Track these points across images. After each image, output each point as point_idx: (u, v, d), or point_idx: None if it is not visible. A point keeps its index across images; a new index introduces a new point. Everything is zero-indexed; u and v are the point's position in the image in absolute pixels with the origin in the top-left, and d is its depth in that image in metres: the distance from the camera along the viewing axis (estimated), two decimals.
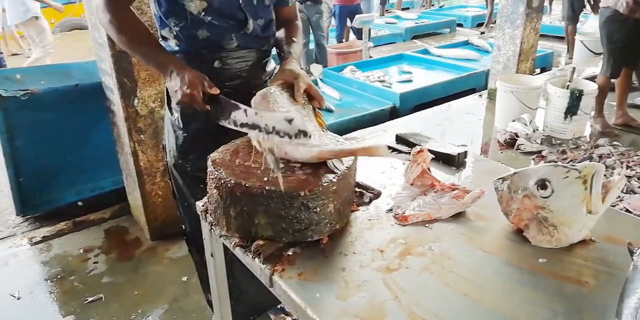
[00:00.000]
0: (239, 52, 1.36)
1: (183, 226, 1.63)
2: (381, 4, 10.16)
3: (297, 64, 1.35)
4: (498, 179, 1.06)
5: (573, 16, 6.05)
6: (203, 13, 1.26)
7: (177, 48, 1.33)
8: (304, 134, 0.96)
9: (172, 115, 1.45)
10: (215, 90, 1.17)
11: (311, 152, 1.00)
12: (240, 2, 1.30)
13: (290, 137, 0.97)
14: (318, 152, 1.00)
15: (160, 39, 1.36)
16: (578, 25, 6.33)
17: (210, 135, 1.26)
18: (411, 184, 1.17)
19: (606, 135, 3.49)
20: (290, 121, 0.97)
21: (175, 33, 1.31)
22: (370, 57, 6.20)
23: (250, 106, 1.20)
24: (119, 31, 1.23)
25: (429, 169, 1.19)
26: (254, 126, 1.04)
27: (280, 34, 1.48)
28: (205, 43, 1.31)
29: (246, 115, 1.07)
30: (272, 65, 1.52)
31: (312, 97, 1.27)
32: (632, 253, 0.91)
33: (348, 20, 6.27)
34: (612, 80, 3.52)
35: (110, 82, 2.34)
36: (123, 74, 2.21)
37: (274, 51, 1.50)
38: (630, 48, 3.28)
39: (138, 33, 1.24)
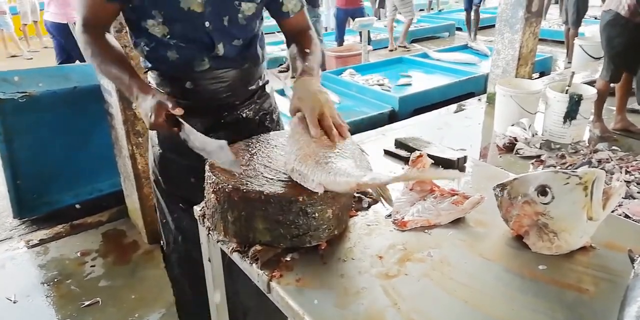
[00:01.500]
0: (212, 72, 1.27)
1: (161, 242, 1.55)
2: (380, 7, 10.18)
3: (313, 82, 1.17)
4: (498, 185, 1.05)
5: (577, 20, 6.06)
6: (168, 36, 1.21)
7: (150, 65, 1.31)
8: (236, 165, 1.01)
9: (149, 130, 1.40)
10: (179, 111, 1.11)
11: (349, 183, 0.88)
12: (207, 25, 1.21)
13: (225, 164, 1.02)
14: (357, 184, 0.87)
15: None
16: (579, 30, 6.35)
17: (185, 153, 1.21)
18: (410, 189, 1.17)
19: (605, 139, 3.49)
20: (221, 148, 1.03)
21: (146, 53, 1.28)
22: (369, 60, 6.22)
23: (224, 127, 1.23)
24: (92, 54, 1.20)
25: None
26: (200, 149, 1.08)
27: (293, 49, 1.35)
28: (175, 64, 1.25)
29: (190, 139, 1.10)
30: (260, 80, 1.41)
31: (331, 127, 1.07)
32: (632, 260, 0.91)
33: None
34: (612, 84, 3.52)
35: (108, 85, 2.33)
36: None
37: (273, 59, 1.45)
38: (630, 52, 3.28)
39: (110, 56, 1.21)
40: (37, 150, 2.66)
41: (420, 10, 12.43)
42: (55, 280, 2.29)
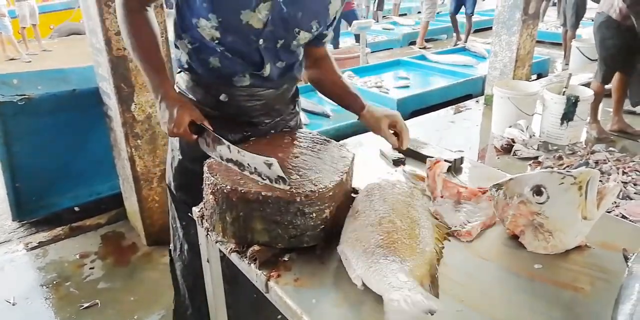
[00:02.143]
0: (251, 89, 1.23)
1: (170, 246, 1.52)
2: (378, 10, 10.22)
3: (377, 107, 1.37)
4: (494, 185, 1.06)
5: (575, 22, 6.09)
6: (216, 41, 1.15)
7: (186, 65, 1.24)
8: (283, 180, 0.96)
9: None
10: (207, 124, 1.13)
11: (380, 291, 0.82)
12: (260, 43, 1.16)
13: (270, 180, 0.98)
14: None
15: (174, 47, 1.26)
16: (577, 31, 6.38)
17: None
18: (442, 197, 1.16)
19: (601, 141, 3.51)
20: (269, 165, 0.99)
21: (188, 50, 1.21)
22: (368, 62, 6.23)
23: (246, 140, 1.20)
24: (127, 33, 1.16)
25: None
26: (237, 163, 1.05)
27: (320, 75, 1.39)
28: (215, 72, 1.20)
29: (230, 152, 1.07)
30: (289, 104, 1.39)
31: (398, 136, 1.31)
32: (627, 259, 0.92)
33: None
34: (608, 86, 3.54)
35: (107, 88, 2.34)
36: (120, 80, 2.21)
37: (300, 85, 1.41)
38: (622, 54, 3.30)
39: (145, 42, 1.15)
40: (36, 152, 2.66)
41: (418, 12, 12.47)
42: (54, 282, 2.29)
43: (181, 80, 1.29)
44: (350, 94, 1.38)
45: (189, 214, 1.32)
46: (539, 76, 5.72)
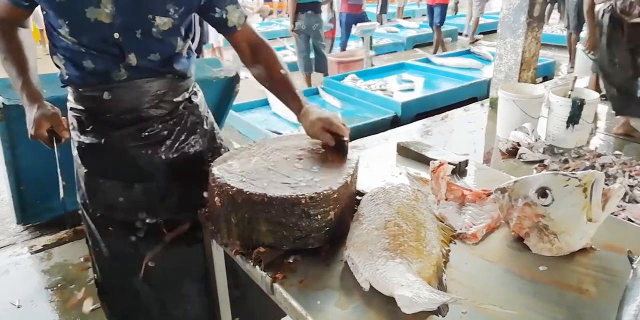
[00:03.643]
0: (132, 82, 1.20)
1: (95, 276, 1.46)
2: (382, 13, 10.24)
3: (316, 109, 1.23)
4: (498, 188, 1.06)
5: (578, 25, 6.08)
6: (79, 45, 1.15)
7: (66, 77, 1.23)
8: None
9: (72, 147, 1.33)
10: (64, 135, 1.15)
11: (387, 290, 0.83)
12: (116, 37, 1.14)
13: None
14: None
15: (56, 67, 1.26)
16: (581, 34, 6.37)
17: (109, 171, 1.24)
18: (446, 200, 1.16)
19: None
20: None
21: (64, 63, 1.21)
22: (373, 65, 6.25)
23: (146, 140, 1.21)
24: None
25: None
26: None
27: (261, 70, 1.30)
28: (94, 74, 1.19)
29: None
30: (187, 92, 1.33)
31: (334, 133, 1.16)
32: (631, 261, 0.91)
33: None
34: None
35: None
36: None
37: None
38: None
39: (12, 56, 1.20)
40: (40, 156, 2.65)
41: (423, 15, 12.49)
42: (59, 285, 2.30)
43: (69, 95, 1.30)
44: (288, 92, 1.27)
45: (110, 229, 1.32)
46: (545, 79, 5.71)
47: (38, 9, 1.20)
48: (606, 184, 0.95)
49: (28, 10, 1.22)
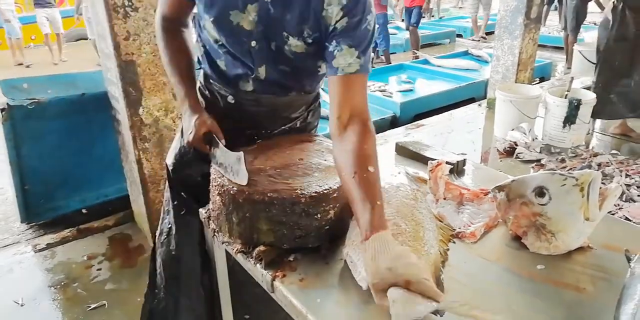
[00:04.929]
0: (254, 95, 1.24)
1: (157, 231, 1.47)
2: None
3: (390, 239, 0.82)
4: (496, 187, 1.08)
5: (576, 26, 6.10)
6: (219, 43, 1.19)
7: (201, 64, 1.30)
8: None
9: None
10: (221, 138, 1.18)
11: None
12: (253, 45, 1.14)
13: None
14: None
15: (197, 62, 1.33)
16: (578, 36, 6.38)
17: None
18: (444, 199, 1.18)
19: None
20: (238, 159, 1.05)
21: (202, 52, 1.27)
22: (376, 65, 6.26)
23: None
24: (163, 50, 1.26)
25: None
26: (219, 165, 1.11)
27: (343, 158, 0.97)
28: (223, 75, 1.25)
29: (220, 153, 1.13)
30: (305, 106, 1.34)
31: None
32: (629, 260, 0.92)
33: None
34: None
35: (115, 92, 2.37)
36: (128, 84, 2.24)
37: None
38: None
39: (176, 59, 1.25)
40: (44, 155, 2.69)
41: (422, 17, 12.48)
42: (62, 283, 2.32)
43: (200, 76, 1.35)
44: (354, 203, 0.90)
45: (182, 194, 1.35)
46: (542, 80, 5.73)
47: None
48: (603, 184, 0.97)
49: (192, 3, 1.22)
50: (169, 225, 1.43)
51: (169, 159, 1.42)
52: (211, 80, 1.30)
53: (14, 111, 2.51)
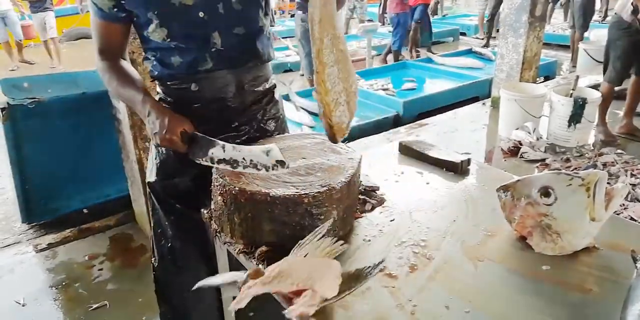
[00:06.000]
0: (216, 72, 1.25)
1: (153, 259, 1.48)
2: (384, 13, 10.22)
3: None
4: (501, 187, 1.06)
5: (584, 24, 6.07)
6: (168, 39, 1.20)
7: (156, 73, 1.29)
8: (282, 164, 0.99)
9: None
10: (198, 132, 1.15)
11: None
12: (201, 16, 1.19)
13: (267, 169, 1.00)
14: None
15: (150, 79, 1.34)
16: (585, 34, 6.35)
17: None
18: None
19: (608, 144, 3.48)
20: (268, 152, 1.00)
21: (153, 63, 1.27)
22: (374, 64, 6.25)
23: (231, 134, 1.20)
24: (109, 80, 1.25)
25: None
26: (231, 161, 1.06)
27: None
28: (180, 68, 1.25)
29: (224, 151, 1.07)
30: (266, 83, 1.37)
31: None
32: (635, 260, 0.91)
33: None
34: (617, 88, 3.52)
35: None
36: None
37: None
38: (630, 56, 3.29)
39: (124, 79, 1.24)
40: (45, 155, 2.69)
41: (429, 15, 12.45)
42: (64, 283, 2.32)
43: (158, 88, 1.34)
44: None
45: (177, 206, 1.35)
46: (546, 78, 5.70)
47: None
48: (608, 183, 0.95)
49: (126, 26, 1.24)
50: (169, 246, 1.42)
51: (151, 177, 1.40)
52: (169, 83, 1.29)
53: (15, 110, 2.52)
